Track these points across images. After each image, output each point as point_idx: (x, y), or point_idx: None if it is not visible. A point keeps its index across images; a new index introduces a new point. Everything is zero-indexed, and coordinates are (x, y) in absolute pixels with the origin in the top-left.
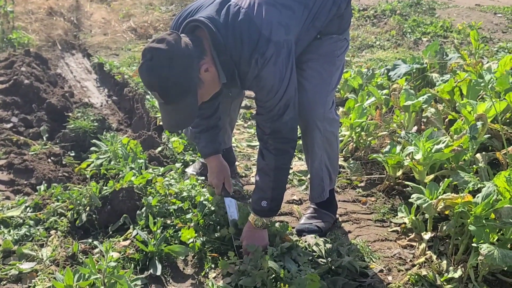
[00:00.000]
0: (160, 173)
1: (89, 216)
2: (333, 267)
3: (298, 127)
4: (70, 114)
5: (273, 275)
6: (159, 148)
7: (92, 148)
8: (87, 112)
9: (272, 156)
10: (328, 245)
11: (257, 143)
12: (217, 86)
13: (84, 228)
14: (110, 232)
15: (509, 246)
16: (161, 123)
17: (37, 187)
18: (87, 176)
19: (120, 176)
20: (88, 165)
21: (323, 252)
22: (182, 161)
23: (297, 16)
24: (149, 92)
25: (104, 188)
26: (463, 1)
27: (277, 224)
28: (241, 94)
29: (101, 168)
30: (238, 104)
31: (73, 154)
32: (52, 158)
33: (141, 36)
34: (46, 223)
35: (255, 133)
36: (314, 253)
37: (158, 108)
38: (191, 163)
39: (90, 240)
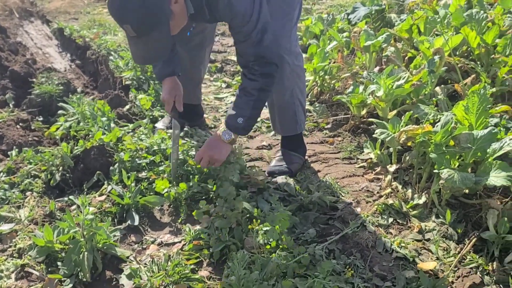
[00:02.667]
0: (129, 130)
1: (63, 175)
2: (304, 203)
3: None
4: (34, 80)
5: (247, 215)
6: (127, 106)
7: (60, 112)
8: (51, 76)
9: (259, 78)
10: (298, 184)
11: (224, 95)
12: (185, 19)
13: (59, 187)
14: (85, 190)
15: (469, 170)
16: (127, 82)
17: (8, 153)
18: (57, 138)
19: (90, 136)
20: (57, 128)
21: (294, 190)
22: (150, 117)
23: None
24: (112, 53)
25: (75, 147)
26: None
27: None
28: (212, 40)
29: (70, 130)
30: (209, 52)
31: (41, 119)
32: (20, 124)
33: None
34: (21, 186)
35: (221, 86)
36: (285, 192)
37: (129, 44)
38: (159, 118)
39: (66, 199)
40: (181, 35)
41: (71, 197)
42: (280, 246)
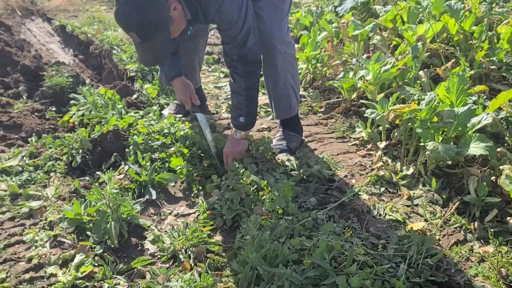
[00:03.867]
0: (140, 116)
1: (83, 157)
2: (304, 176)
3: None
4: (44, 73)
5: (255, 187)
6: (135, 95)
7: (72, 102)
8: (60, 70)
9: (242, 78)
10: (298, 160)
11: (223, 84)
12: (184, 23)
13: (80, 168)
14: (104, 170)
15: (451, 143)
16: (131, 74)
17: (28, 139)
18: (74, 125)
19: (103, 122)
20: (70, 117)
21: (295, 165)
22: (157, 104)
23: None
24: (115, 47)
25: (93, 132)
26: None
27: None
28: (206, 33)
29: (83, 117)
30: (204, 43)
31: (54, 109)
32: (36, 113)
33: None
34: (44, 168)
35: (219, 76)
36: (287, 167)
37: (135, 48)
38: (165, 106)
39: (87, 178)
40: (181, 35)
41: (98, 172)
42: (286, 212)
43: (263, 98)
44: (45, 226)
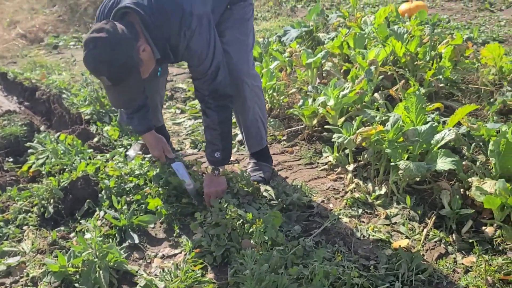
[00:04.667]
0: (106, 159)
1: (55, 207)
2: (284, 205)
3: None
4: None
5: (241, 220)
6: (96, 139)
7: (30, 151)
8: (12, 118)
9: (215, 113)
10: (274, 190)
11: (181, 120)
12: (153, 63)
13: (53, 219)
14: (78, 218)
15: (417, 160)
16: (86, 117)
17: None
18: (34, 174)
19: (67, 169)
20: (30, 167)
21: (273, 195)
22: (121, 146)
23: None
24: (64, 91)
25: (62, 180)
26: None
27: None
28: (166, 71)
29: (44, 166)
30: (165, 81)
31: (11, 160)
32: None
33: (32, 41)
34: (16, 221)
35: (175, 112)
36: (265, 198)
37: (106, 92)
38: (129, 147)
39: (63, 228)
40: (151, 76)
41: (82, 221)
42: (275, 242)
43: None
44: (27, 283)
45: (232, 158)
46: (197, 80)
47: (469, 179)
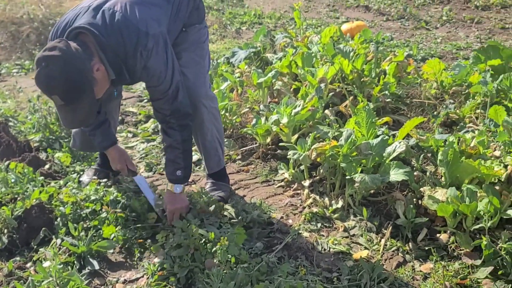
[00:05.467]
0: (59, 186)
1: (9, 237)
2: (245, 223)
3: None
4: None
5: (203, 240)
6: (47, 166)
7: None
8: None
9: (177, 132)
10: (234, 208)
11: (133, 144)
12: (108, 83)
13: (7, 249)
14: (34, 247)
15: (371, 173)
16: (35, 145)
17: None
18: None
19: (19, 198)
20: None
21: (233, 214)
22: (74, 172)
23: (164, 10)
24: (10, 119)
25: (16, 209)
26: None
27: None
28: (120, 95)
29: None
30: (118, 105)
31: None
32: None
33: None
34: None
35: (127, 136)
36: (225, 216)
37: (58, 112)
38: (82, 172)
39: (18, 258)
40: (106, 96)
41: (41, 250)
42: (239, 260)
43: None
44: None
45: (189, 179)
46: (157, 100)
47: (421, 189)
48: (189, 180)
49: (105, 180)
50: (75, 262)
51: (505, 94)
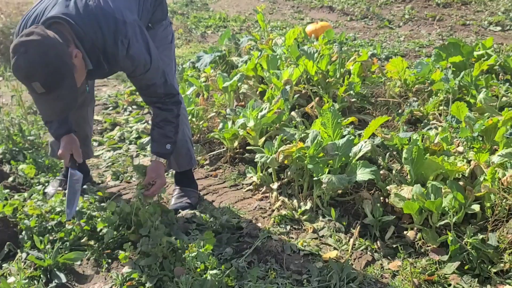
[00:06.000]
0: (24, 199)
1: None
2: (214, 228)
3: None
4: None
5: (171, 248)
6: (11, 178)
7: None
8: None
9: (173, 107)
10: (203, 214)
11: (100, 153)
12: (84, 73)
13: None
14: None
15: (338, 173)
16: None
17: None
18: None
19: None
20: None
21: (202, 219)
22: (38, 184)
23: (133, 0)
24: None
25: None
26: None
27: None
28: (93, 100)
29: None
30: (92, 111)
31: None
32: None
33: None
34: None
35: (92, 144)
36: (194, 222)
37: (36, 102)
38: (47, 184)
39: None
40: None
41: (5, 265)
42: (209, 267)
43: (146, 160)
44: None
45: None
46: (148, 88)
47: (388, 187)
48: None
49: None
50: (42, 276)
51: (467, 90)
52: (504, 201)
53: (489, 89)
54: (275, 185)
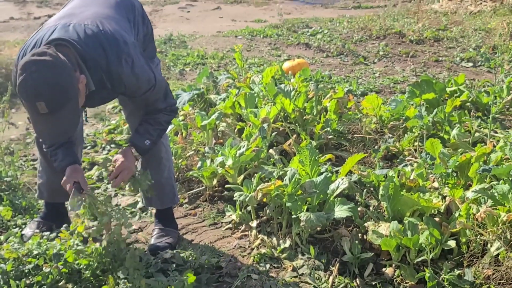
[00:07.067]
0: (1, 242)
1: None
2: (193, 268)
3: None
4: None
5: None
6: None
7: None
8: None
9: (169, 116)
10: (182, 254)
11: None
12: (84, 97)
13: None
14: None
15: (316, 211)
16: None
17: None
18: None
19: None
20: None
21: (181, 259)
22: (15, 226)
23: (128, 26)
24: None
25: None
26: (205, 31)
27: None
28: (82, 141)
29: None
30: (81, 151)
31: None
32: None
33: None
34: None
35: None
36: (174, 263)
37: (35, 124)
38: (24, 226)
39: None
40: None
41: None
42: None
43: (124, 199)
44: None
45: (135, 227)
46: (152, 104)
47: (365, 224)
48: (136, 227)
49: (48, 233)
50: None
51: (441, 126)
52: (478, 236)
53: (462, 125)
54: (254, 223)
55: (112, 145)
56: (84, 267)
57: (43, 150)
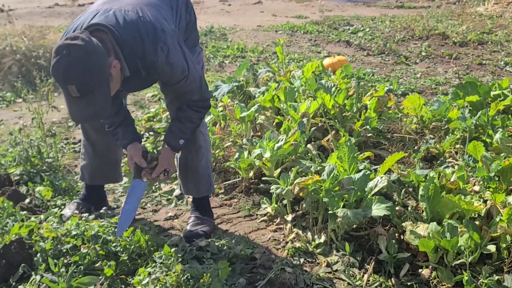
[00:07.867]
0: (41, 220)
1: None
2: (228, 258)
3: None
4: None
5: (185, 276)
6: (28, 200)
7: None
8: None
9: (201, 110)
10: (217, 243)
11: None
12: (119, 84)
13: None
14: (13, 284)
15: (353, 207)
16: (16, 178)
17: None
18: None
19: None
20: None
21: (216, 248)
22: (55, 206)
23: (170, 13)
24: None
25: None
26: (245, 25)
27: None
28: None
29: None
30: None
31: None
32: None
33: None
34: None
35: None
36: (209, 251)
37: (69, 105)
38: (63, 206)
39: None
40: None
41: (21, 286)
42: None
43: (162, 186)
44: None
45: (171, 214)
46: (184, 94)
47: (403, 224)
48: (172, 214)
49: (87, 214)
50: None
51: (483, 129)
52: None
53: (505, 129)
54: (289, 217)
55: (151, 133)
56: (121, 249)
57: (86, 133)
